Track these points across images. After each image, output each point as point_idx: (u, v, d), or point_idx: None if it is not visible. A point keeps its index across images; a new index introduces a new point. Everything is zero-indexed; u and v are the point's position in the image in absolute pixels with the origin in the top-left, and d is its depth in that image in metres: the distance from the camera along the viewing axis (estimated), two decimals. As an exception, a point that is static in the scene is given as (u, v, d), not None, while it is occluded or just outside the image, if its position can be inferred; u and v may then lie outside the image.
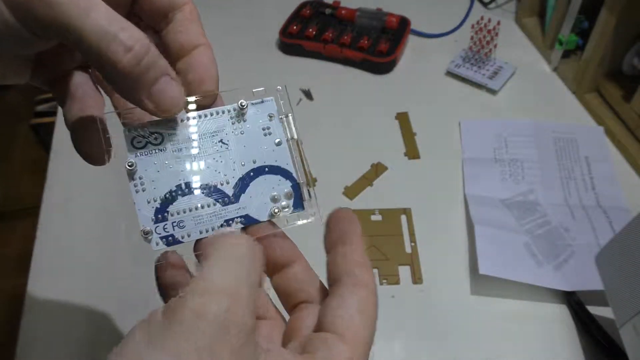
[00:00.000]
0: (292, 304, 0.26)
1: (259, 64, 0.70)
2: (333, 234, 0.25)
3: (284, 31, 0.72)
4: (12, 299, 1.23)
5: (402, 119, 0.64)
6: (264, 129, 0.27)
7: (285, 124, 0.27)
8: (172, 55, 0.27)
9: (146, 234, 0.25)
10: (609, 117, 0.62)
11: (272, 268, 0.26)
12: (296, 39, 0.71)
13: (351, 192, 0.57)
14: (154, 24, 0.28)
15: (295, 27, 0.71)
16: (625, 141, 0.60)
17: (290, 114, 0.27)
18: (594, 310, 0.47)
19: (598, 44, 0.60)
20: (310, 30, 0.71)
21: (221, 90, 0.27)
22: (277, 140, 0.27)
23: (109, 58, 0.22)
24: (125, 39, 0.22)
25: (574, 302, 0.47)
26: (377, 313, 0.23)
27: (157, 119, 0.25)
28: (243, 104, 0.27)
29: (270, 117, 0.27)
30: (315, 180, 0.57)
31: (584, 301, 0.47)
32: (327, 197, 0.56)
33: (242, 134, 0.27)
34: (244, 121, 0.27)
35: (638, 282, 0.38)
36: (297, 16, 0.74)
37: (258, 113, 0.27)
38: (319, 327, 0.23)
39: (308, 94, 0.67)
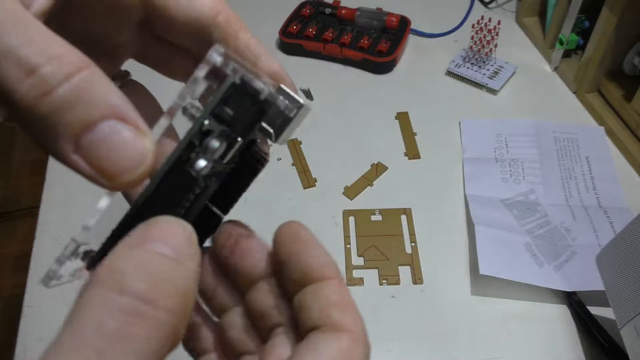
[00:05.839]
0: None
1: (258, 64, 0.70)
2: (289, 263, 0.19)
3: (284, 31, 0.72)
4: (11, 299, 1.23)
5: (402, 118, 0.64)
6: None
7: None
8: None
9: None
10: (609, 117, 0.62)
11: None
12: (296, 38, 0.71)
13: (351, 192, 0.57)
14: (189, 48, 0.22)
15: (295, 27, 0.71)
16: (626, 141, 0.60)
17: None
18: (594, 310, 0.46)
19: (599, 43, 0.60)
20: (310, 30, 0.71)
21: None
22: None
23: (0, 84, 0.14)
24: (28, 54, 0.13)
25: (575, 302, 0.47)
26: None
27: None
28: None
29: None
30: (315, 180, 0.57)
31: (585, 301, 0.47)
32: (327, 197, 0.56)
33: None
34: None
35: (639, 282, 0.37)
36: (297, 16, 0.73)
37: None
38: None
39: (308, 94, 0.67)
